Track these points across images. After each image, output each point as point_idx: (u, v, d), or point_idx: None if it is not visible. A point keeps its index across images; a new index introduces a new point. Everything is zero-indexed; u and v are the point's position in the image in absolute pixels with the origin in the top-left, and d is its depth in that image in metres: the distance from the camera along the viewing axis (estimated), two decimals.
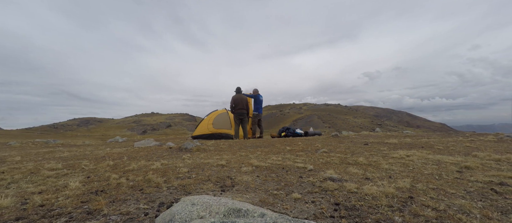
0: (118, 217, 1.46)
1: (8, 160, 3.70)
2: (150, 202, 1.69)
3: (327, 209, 1.54)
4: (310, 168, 2.64)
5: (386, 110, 75.93)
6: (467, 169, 2.52)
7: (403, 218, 1.40)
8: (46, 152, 4.84)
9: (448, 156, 3.32)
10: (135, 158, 3.65)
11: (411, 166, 2.73)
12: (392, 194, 1.76)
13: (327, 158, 3.32)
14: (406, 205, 1.58)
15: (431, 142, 4.95)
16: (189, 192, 1.90)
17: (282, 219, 1.12)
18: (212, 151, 4.29)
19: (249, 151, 4.24)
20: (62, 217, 1.48)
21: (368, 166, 2.77)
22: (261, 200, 1.70)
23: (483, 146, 4.31)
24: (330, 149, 4.19)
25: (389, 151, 3.89)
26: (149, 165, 2.95)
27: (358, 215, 1.45)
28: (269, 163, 2.96)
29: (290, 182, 2.14)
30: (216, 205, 1.32)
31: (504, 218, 1.40)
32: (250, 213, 1.25)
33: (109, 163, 3.20)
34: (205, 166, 2.86)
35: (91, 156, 4.06)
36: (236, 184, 2.11)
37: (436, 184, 2.02)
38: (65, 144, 7.90)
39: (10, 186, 2.21)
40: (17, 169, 2.96)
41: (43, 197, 1.82)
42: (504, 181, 2.05)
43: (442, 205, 1.56)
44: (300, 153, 3.88)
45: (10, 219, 1.47)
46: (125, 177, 2.38)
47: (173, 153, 4.15)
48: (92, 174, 2.60)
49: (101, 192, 1.93)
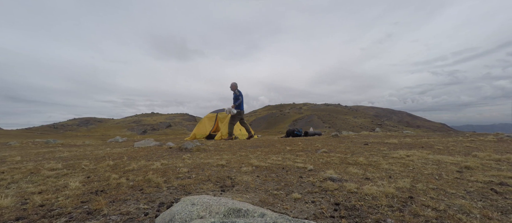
0: (118, 217, 1.46)
1: (8, 160, 3.70)
2: (150, 202, 1.69)
3: (327, 209, 1.54)
4: (310, 168, 2.64)
5: (386, 110, 76.01)
6: (467, 169, 2.52)
7: (403, 218, 1.40)
8: (46, 152, 4.83)
9: (448, 156, 3.32)
10: (135, 158, 3.65)
11: (411, 166, 2.73)
12: (392, 194, 1.76)
13: (327, 158, 3.32)
14: (406, 205, 1.58)
15: (431, 142, 4.96)
16: (189, 192, 1.90)
17: (282, 219, 1.12)
18: (212, 151, 4.29)
19: (249, 151, 4.24)
20: (62, 217, 1.48)
21: (368, 166, 2.77)
22: (261, 200, 1.70)
23: (483, 146, 4.31)
24: (330, 149, 4.20)
25: (389, 151, 3.89)
26: (149, 165, 2.95)
27: (358, 215, 1.45)
28: (269, 163, 2.96)
29: (290, 182, 2.14)
30: (216, 205, 1.32)
31: (504, 218, 1.40)
32: (250, 213, 1.25)
33: (109, 163, 3.20)
34: (205, 166, 2.87)
35: (91, 156, 4.06)
36: (236, 184, 2.11)
37: (436, 184, 2.02)
38: (65, 144, 7.90)
39: (10, 186, 2.21)
40: (17, 169, 2.96)
41: (43, 197, 1.82)
42: (504, 181, 2.05)
43: (442, 205, 1.56)
44: (300, 153, 3.88)
45: (10, 219, 1.47)
46: (125, 177, 2.38)
47: (173, 153, 4.15)
48: (92, 174, 2.60)
49: (101, 192, 1.93)
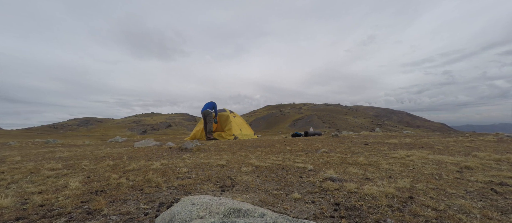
0: (118, 217, 1.46)
1: (8, 160, 3.70)
2: (150, 202, 1.69)
3: (327, 209, 1.54)
4: (310, 168, 2.64)
5: (386, 110, 76.01)
6: (467, 169, 2.52)
7: (403, 218, 1.40)
8: (46, 152, 4.83)
9: (448, 156, 3.32)
10: (135, 158, 3.65)
11: (411, 166, 2.73)
12: (392, 194, 1.76)
13: (327, 158, 3.32)
14: (406, 205, 1.58)
15: (431, 142, 4.96)
16: (189, 192, 1.90)
17: (282, 219, 1.12)
18: (212, 151, 4.29)
19: (249, 151, 4.24)
20: (62, 217, 1.48)
21: (368, 166, 2.77)
22: (261, 200, 1.70)
23: (483, 146, 4.31)
24: (330, 149, 4.20)
25: (389, 151, 3.89)
26: (149, 165, 2.96)
27: (358, 215, 1.45)
28: (269, 163, 2.96)
29: (290, 182, 2.14)
30: (216, 205, 1.32)
31: (504, 218, 1.40)
32: (250, 213, 1.25)
33: (109, 163, 3.20)
34: (205, 166, 2.87)
35: (91, 156, 4.06)
36: (236, 184, 2.12)
37: (436, 184, 2.02)
38: (65, 144, 7.90)
39: (10, 186, 2.21)
40: (17, 169, 2.96)
41: (43, 197, 1.83)
42: (504, 181, 2.05)
43: (442, 205, 1.56)
44: (300, 153, 3.88)
45: (10, 219, 1.47)
46: (125, 177, 2.38)
47: (173, 153, 4.15)
48: (92, 174, 2.60)
49: (101, 192, 1.93)
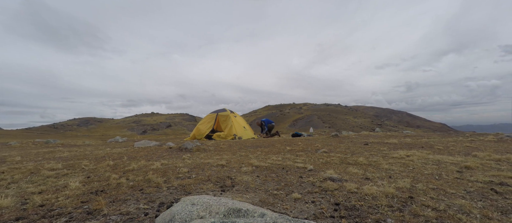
0: (118, 217, 1.46)
1: (8, 160, 3.70)
2: (150, 202, 1.69)
3: (327, 209, 1.54)
4: (310, 168, 2.64)
5: (386, 110, 76.03)
6: (467, 169, 2.53)
7: (403, 218, 1.40)
8: (46, 152, 4.84)
9: (448, 156, 3.32)
10: (135, 158, 3.65)
11: (411, 166, 2.73)
12: (392, 194, 1.76)
13: (327, 158, 3.32)
14: (406, 205, 1.58)
15: (431, 142, 4.96)
16: (189, 192, 1.90)
17: (282, 219, 1.12)
18: (212, 151, 4.29)
19: (249, 151, 4.24)
20: (62, 217, 1.48)
21: (368, 166, 2.77)
22: (261, 200, 1.70)
23: (483, 146, 4.31)
24: (330, 149, 4.20)
25: (389, 151, 3.89)
26: (149, 165, 2.96)
27: (358, 215, 1.45)
28: (269, 163, 2.96)
29: (290, 182, 2.14)
30: (216, 205, 1.32)
31: (504, 218, 1.40)
32: (250, 213, 1.25)
33: (109, 163, 3.20)
34: (205, 166, 2.87)
35: (91, 156, 4.06)
36: (236, 184, 2.12)
37: (436, 184, 2.02)
38: (65, 144, 7.91)
39: (10, 186, 2.21)
40: (17, 169, 2.96)
41: (43, 197, 1.83)
42: (504, 181, 2.05)
43: (442, 205, 1.56)
44: (300, 153, 3.88)
45: (10, 219, 1.47)
46: (125, 177, 2.38)
47: (173, 153, 4.15)
48: (92, 174, 2.60)
49: (101, 192, 1.93)
